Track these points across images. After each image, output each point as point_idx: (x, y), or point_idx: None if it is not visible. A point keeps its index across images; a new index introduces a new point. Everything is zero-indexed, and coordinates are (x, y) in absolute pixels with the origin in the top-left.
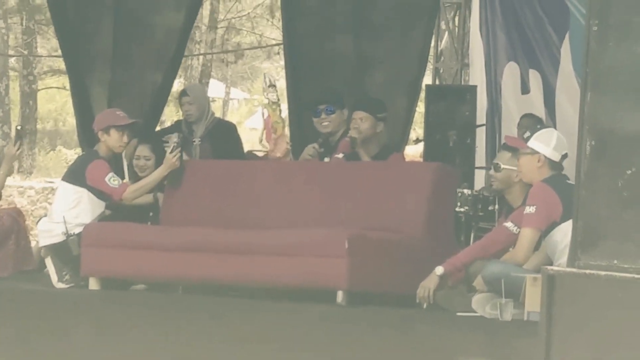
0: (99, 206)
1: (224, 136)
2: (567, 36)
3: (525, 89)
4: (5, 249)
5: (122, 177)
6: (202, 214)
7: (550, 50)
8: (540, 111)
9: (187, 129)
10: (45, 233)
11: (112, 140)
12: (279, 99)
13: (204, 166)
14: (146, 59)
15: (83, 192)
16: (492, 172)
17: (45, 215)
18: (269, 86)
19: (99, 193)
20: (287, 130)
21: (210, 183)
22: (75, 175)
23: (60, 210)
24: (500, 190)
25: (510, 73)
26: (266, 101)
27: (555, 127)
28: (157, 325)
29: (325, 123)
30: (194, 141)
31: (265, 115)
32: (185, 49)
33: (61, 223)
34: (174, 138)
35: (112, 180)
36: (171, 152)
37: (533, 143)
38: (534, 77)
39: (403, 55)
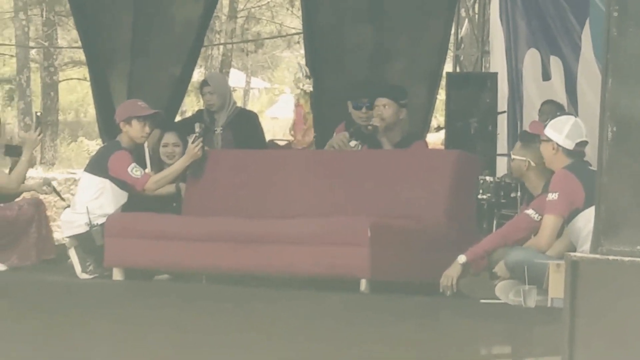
0: (122, 197)
1: (245, 125)
2: (587, 22)
3: (546, 76)
4: (27, 238)
5: (144, 168)
6: (225, 203)
7: (571, 37)
8: (561, 98)
9: (209, 118)
10: (68, 224)
11: (133, 130)
12: (312, 90)
13: (226, 156)
14: (165, 49)
15: (106, 183)
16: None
17: (69, 206)
18: (306, 77)
19: (122, 184)
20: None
21: (233, 173)
22: (97, 166)
23: (84, 201)
24: (517, 178)
25: (531, 60)
26: (299, 91)
27: (577, 114)
28: (180, 315)
29: (366, 117)
30: (216, 130)
31: (298, 105)
32: (205, 38)
33: (84, 214)
34: (196, 128)
35: (134, 171)
36: (193, 142)
37: (547, 130)
38: (555, 64)
39: (423, 44)
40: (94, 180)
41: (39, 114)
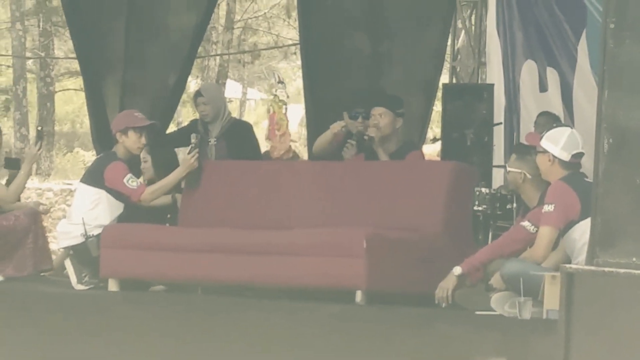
0: (118, 207)
1: (239, 136)
2: (584, 34)
3: (543, 87)
4: (23, 249)
5: (140, 178)
6: (220, 214)
7: (567, 48)
8: (558, 109)
9: (203, 128)
10: (64, 235)
11: (130, 141)
12: (288, 96)
13: (222, 167)
14: (159, 59)
15: (102, 194)
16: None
17: (65, 217)
18: (278, 82)
19: (118, 194)
20: (297, 129)
21: (228, 184)
22: (93, 176)
23: (79, 211)
24: (513, 190)
25: (528, 71)
26: (272, 97)
27: (573, 125)
28: (176, 326)
29: (362, 127)
30: (210, 141)
31: (271, 112)
32: (202, 49)
33: (80, 225)
34: (192, 139)
35: (130, 182)
36: (189, 153)
37: (543, 142)
38: (552, 75)
39: (419, 54)
40: (89, 191)
41: (40, 128)
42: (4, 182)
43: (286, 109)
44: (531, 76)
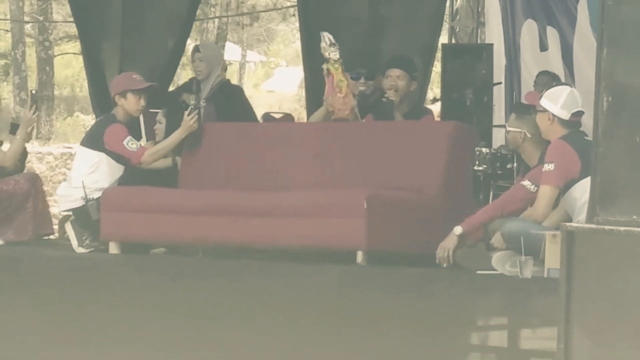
0: (118, 170)
1: (228, 99)
2: None
3: (543, 46)
4: (24, 213)
5: (140, 140)
6: (221, 176)
7: (567, 7)
8: (558, 68)
9: (197, 88)
10: (64, 198)
11: (129, 104)
12: (340, 57)
13: (222, 129)
14: (158, 23)
15: (102, 157)
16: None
17: (65, 180)
18: (330, 45)
19: (118, 157)
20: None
21: (229, 146)
22: (93, 140)
23: (79, 175)
24: (513, 150)
25: (528, 30)
26: (326, 60)
27: (574, 85)
28: (176, 289)
29: (364, 87)
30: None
31: (328, 75)
32: (201, 12)
33: (80, 188)
34: (190, 100)
35: (130, 144)
36: (189, 115)
37: (543, 101)
38: (552, 34)
39: (418, 16)
40: (89, 154)
41: (34, 91)
42: (6, 147)
43: (343, 68)
44: (531, 36)
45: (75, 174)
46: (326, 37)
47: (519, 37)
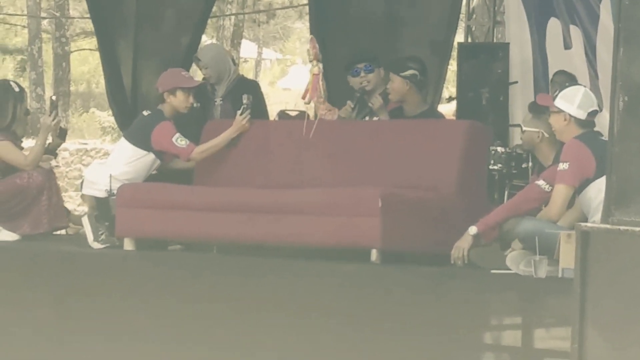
0: (153, 168)
1: (244, 94)
2: None
3: (567, 45)
4: (38, 206)
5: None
6: (236, 174)
7: (590, 6)
8: (582, 67)
9: (211, 88)
10: (90, 183)
11: (177, 101)
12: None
13: None
14: (173, 19)
15: (143, 154)
16: None
17: (95, 163)
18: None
19: (161, 154)
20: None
21: (245, 143)
22: (140, 137)
23: (115, 165)
24: (529, 150)
25: (552, 29)
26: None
27: (598, 84)
28: (190, 285)
29: (365, 82)
30: (216, 101)
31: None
32: (217, 9)
33: (107, 179)
34: (243, 99)
35: (179, 141)
36: (241, 114)
37: (558, 101)
38: (575, 33)
39: (433, 14)
40: (131, 149)
41: (54, 97)
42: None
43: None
44: (556, 34)
45: (112, 163)
46: (315, 43)
47: (544, 36)
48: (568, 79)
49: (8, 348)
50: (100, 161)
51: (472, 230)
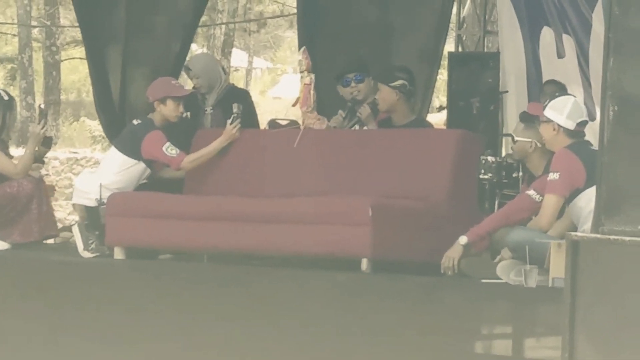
0: (144, 177)
1: (234, 103)
2: (599, 2)
3: (560, 54)
4: (28, 214)
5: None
6: (226, 183)
7: (582, 15)
8: (575, 76)
9: (201, 97)
10: (80, 192)
11: (168, 110)
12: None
13: None
14: (162, 27)
15: (132, 164)
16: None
17: (85, 172)
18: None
19: (151, 163)
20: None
21: (234, 152)
22: (130, 146)
23: (105, 174)
24: (520, 159)
25: (545, 38)
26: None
27: (591, 92)
28: (181, 295)
29: (356, 92)
30: (206, 110)
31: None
32: (208, 18)
33: (97, 188)
34: (234, 108)
35: (169, 150)
36: (232, 123)
37: (547, 111)
38: (568, 42)
39: (422, 23)
40: (121, 158)
41: (42, 106)
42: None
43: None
44: (549, 43)
45: (102, 172)
46: (307, 55)
47: (537, 45)
48: (558, 88)
49: None
50: (91, 170)
51: (463, 239)
